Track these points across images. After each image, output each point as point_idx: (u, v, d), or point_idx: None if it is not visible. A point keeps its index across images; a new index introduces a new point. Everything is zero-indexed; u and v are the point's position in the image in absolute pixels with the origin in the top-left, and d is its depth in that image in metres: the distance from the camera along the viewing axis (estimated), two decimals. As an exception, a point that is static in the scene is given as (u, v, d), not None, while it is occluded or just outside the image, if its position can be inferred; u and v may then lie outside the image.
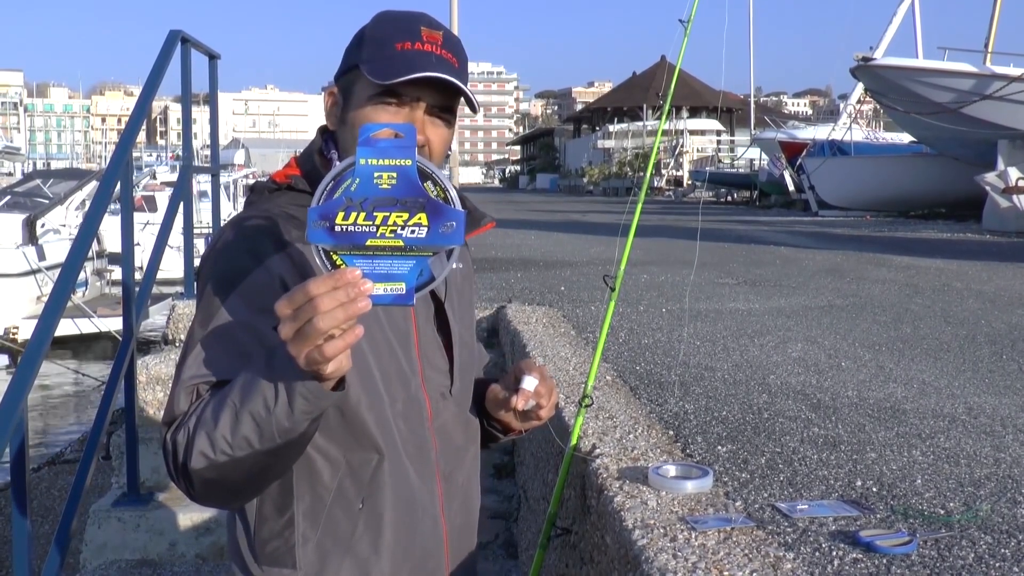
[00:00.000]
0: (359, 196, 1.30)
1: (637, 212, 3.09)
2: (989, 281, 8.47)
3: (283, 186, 1.70)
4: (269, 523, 1.64)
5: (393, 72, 1.59)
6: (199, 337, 1.55)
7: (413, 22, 1.65)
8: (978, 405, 3.72)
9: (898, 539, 2.14)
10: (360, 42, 1.66)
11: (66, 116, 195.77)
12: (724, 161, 52.28)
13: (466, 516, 1.82)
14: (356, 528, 1.63)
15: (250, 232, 1.60)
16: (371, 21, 1.68)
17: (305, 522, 1.62)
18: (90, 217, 4.24)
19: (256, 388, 1.40)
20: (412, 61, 1.60)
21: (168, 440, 1.49)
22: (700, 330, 5.56)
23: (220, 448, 1.43)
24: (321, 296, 1.25)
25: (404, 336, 1.67)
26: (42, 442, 11.05)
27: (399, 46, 1.62)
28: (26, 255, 16.59)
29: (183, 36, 5.73)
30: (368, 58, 1.63)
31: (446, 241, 1.30)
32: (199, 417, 1.46)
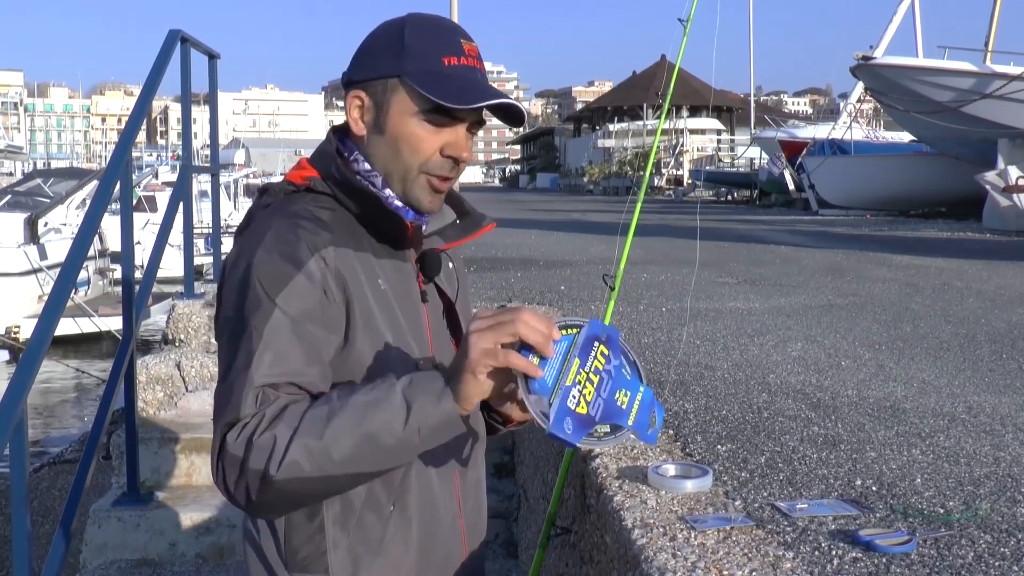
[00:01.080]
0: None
1: (637, 211, 3.09)
2: (989, 280, 8.47)
3: (301, 188, 1.69)
4: (299, 530, 1.63)
5: (464, 96, 1.60)
6: (264, 337, 1.52)
7: (452, 33, 1.67)
8: (978, 404, 3.72)
9: (897, 538, 2.14)
10: (401, 51, 1.64)
11: (66, 116, 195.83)
12: (724, 160, 52.26)
13: (478, 512, 1.85)
14: (387, 531, 1.65)
15: (289, 237, 1.58)
16: (407, 28, 1.66)
17: (335, 527, 1.63)
18: (90, 217, 4.24)
19: (382, 410, 1.43)
20: (474, 83, 1.63)
21: (237, 442, 1.46)
22: (700, 329, 5.56)
23: (320, 463, 1.43)
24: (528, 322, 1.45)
25: (421, 339, 1.70)
26: (42, 442, 11.05)
27: (446, 61, 1.63)
28: (27, 254, 16.60)
29: (183, 36, 5.74)
30: (415, 71, 1.62)
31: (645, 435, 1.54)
32: (292, 427, 1.44)
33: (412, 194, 1.68)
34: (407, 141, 1.65)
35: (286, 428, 1.44)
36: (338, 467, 1.45)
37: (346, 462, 1.44)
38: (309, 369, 1.53)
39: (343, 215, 1.66)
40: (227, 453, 1.46)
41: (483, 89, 1.63)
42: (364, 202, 1.66)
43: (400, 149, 1.65)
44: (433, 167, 1.67)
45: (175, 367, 5.26)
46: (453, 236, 1.82)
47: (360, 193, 1.66)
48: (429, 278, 1.76)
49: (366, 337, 1.60)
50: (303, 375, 1.52)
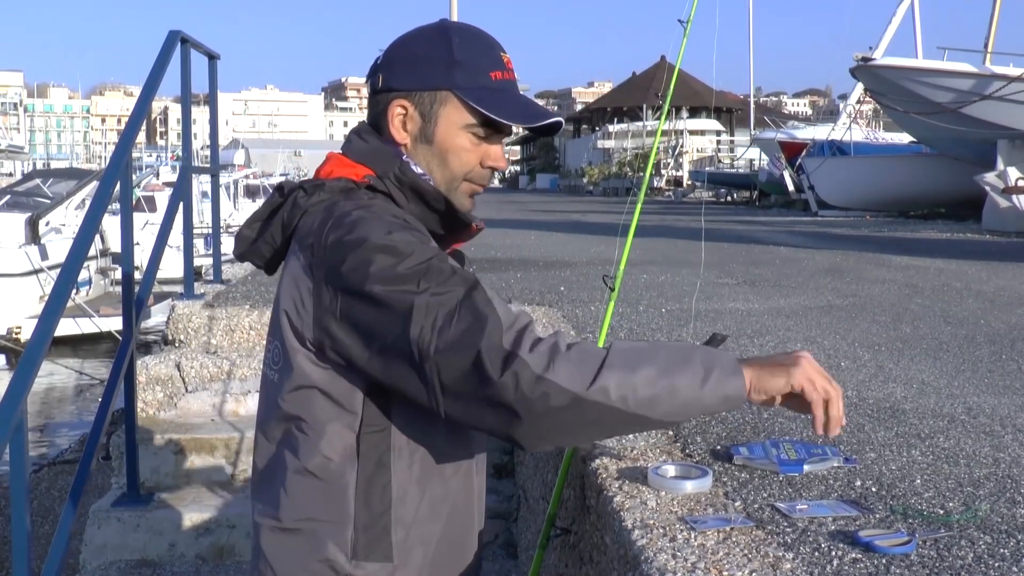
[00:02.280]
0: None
1: (636, 212, 3.09)
2: (989, 281, 8.47)
3: (361, 185, 1.71)
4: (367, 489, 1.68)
5: (525, 115, 1.69)
6: (483, 292, 1.55)
7: (495, 47, 1.73)
8: (977, 405, 3.72)
9: (897, 539, 2.15)
10: (452, 64, 1.68)
11: (66, 116, 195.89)
12: (724, 161, 52.29)
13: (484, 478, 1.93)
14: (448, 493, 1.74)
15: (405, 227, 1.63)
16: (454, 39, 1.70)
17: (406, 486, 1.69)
18: (90, 217, 4.24)
19: (686, 367, 1.54)
20: (523, 100, 1.71)
21: (536, 351, 1.48)
22: (700, 330, 5.56)
23: (624, 395, 1.50)
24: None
25: None
26: (42, 442, 11.05)
27: (494, 76, 1.70)
28: (28, 255, 16.60)
29: (183, 36, 5.74)
30: (467, 86, 1.68)
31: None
32: (600, 354, 1.50)
33: (456, 199, 1.75)
34: (455, 152, 1.72)
35: (593, 355, 1.50)
36: (635, 406, 1.51)
37: (643, 403, 1.51)
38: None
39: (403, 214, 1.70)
40: (522, 361, 1.46)
41: (535, 107, 1.73)
42: (434, 203, 1.71)
43: (447, 160, 1.72)
44: (475, 176, 1.75)
45: (175, 368, 5.26)
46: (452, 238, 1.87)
47: (431, 194, 1.71)
48: None
49: None
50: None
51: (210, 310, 5.73)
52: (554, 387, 1.47)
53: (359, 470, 1.67)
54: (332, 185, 1.70)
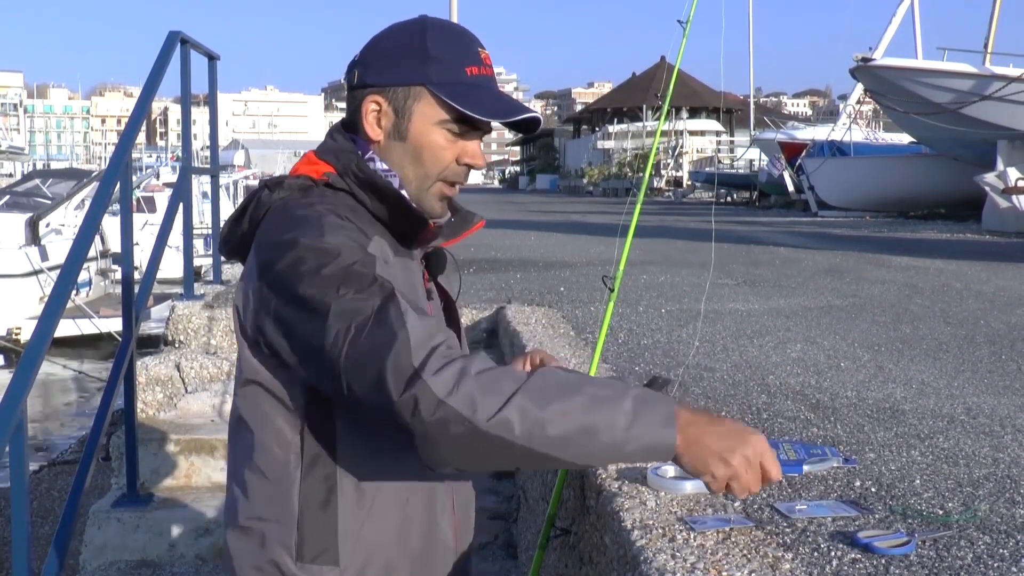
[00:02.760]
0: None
1: (636, 212, 3.09)
2: (988, 281, 8.47)
3: (319, 183, 1.68)
4: (311, 516, 1.62)
5: (498, 110, 1.64)
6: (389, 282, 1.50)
7: (472, 42, 1.69)
8: (977, 405, 3.72)
9: (896, 539, 2.15)
10: (426, 59, 1.65)
11: (66, 117, 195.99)
12: (724, 162, 52.29)
13: (467, 511, 1.86)
14: (400, 522, 1.67)
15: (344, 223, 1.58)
16: (428, 34, 1.67)
17: (350, 517, 1.64)
18: (90, 218, 4.24)
19: (610, 408, 1.42)
20: (499, 95, 1.67)
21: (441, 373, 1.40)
22: (699, 330, 5.56)
23: (531, 432, 1.40)
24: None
25: None
26: (42, 443, 11.05)
27: (469, 71, 1.66)
28: (28, 256, 16.59)
29: (182, 37, 5.74)
30: (441, 81, 1.64)
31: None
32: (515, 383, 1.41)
33: (425, 200, 1.71)
34: (429, 149, 1.67)
35: (506, 383, 1.41)
36: (545, 444, 1.41)
37: (555, 442, 1.41)
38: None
39: (363, 212, 1.67)
40: (424, 384, 1.40)
41: (511, 102, 1.68)
42: (388, 200, 1.67)
43: (421, 157, 1.68)
44: (450, 175, 1.71)
45: (175, 368, 5.26)
46: (448, 234, 1.83)
47: (385, 191, 1.67)
48: (434, 276, 1.79)
49: None
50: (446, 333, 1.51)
51: (210, 311, 5.73)
52: (453, 414, 1.39)
53: (303, 470, 1.64)
54: (291, 183, 1.69)
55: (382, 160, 1.70)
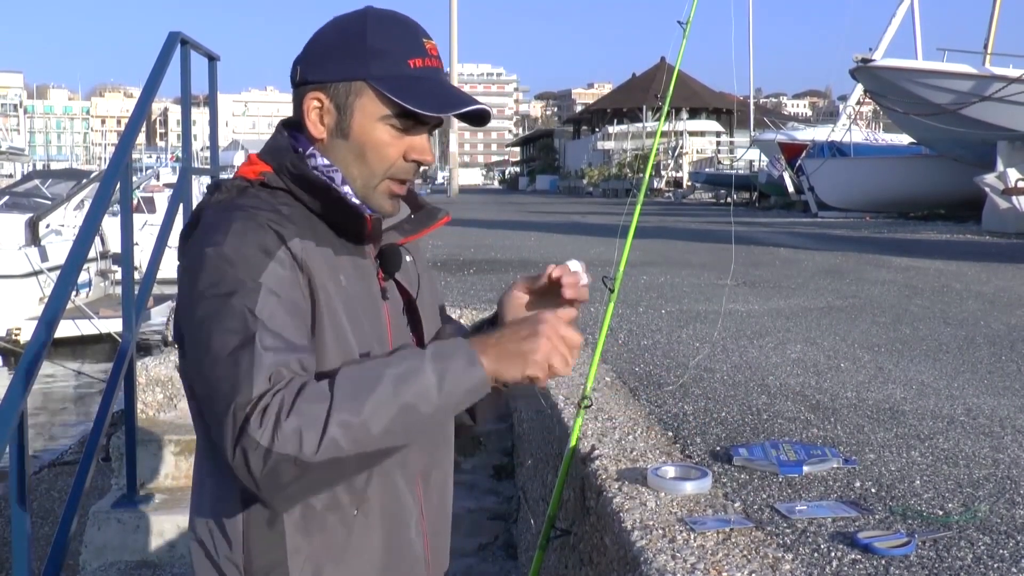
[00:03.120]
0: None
1: (636, 213, 3.09)
2: (988, 282, 8.48)
3: (255, 183, 1.63)
4: (258, 536, 1.57)
5: (441, 103, 1.58)
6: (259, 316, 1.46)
7: (415, 33, 1.62)
8: (977, 406, 3.72)
9: (896, 540, 2.15)
10: (365, 52, 1.58)
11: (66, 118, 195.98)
12: (724, 162, 52.29)
13: (443, 515, 1.80)
14: (351, 537, 1.60)
15: (254, 228, 1.53)
16: (368, 26, 1.60)
17: (296, 534, 1.57)
18: (90, 219, 4.24)
19: (415, 381, 1.42)
20: (444, 88, 1.60)
21: (262, 428, 1.37)
22: (699, 331, 5.56)
23: (358, 439, 1.39)
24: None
25: (381, 338, 1.65)
26: (42, 444, 11.05)
27: (412, 63, 1.59)
28: (28, 256, 16.58)
29: (182, 38, 5.73)
30: (382, 75, 1.58)
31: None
32: (324, 405, 1.38)
33: (374, 201, 1.64)
34: (373, 146, 1.61)
35: (316, 406, 1.39)
36: (376, 441, 1.42)
37: (384, 435, 1.42)
38: (307, 346, 1.49)
39: (300, 210, 1.61)
40: (250, 439, 1.38)
41: (456, 94, 1.61)
42: (323, 197, 1.61)
43: (366, 154, 1.62)
44: (397, 172, 1.63)
45: (175, 369, 5.26)
46: (409, 230, 1.76)
47: (319, 188, 1.61)
48: (389, 274, 1.71)
49: (331, 333, 1.56)
50: (304, 352, 1.47)
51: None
52: (281, 459, 1.37)
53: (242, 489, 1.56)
54: (229, 184, 1.64)
55: (323, 156, 1.64)
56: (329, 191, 1.60)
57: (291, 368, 1.44)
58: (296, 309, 1.51)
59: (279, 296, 1.49)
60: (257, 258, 1.50)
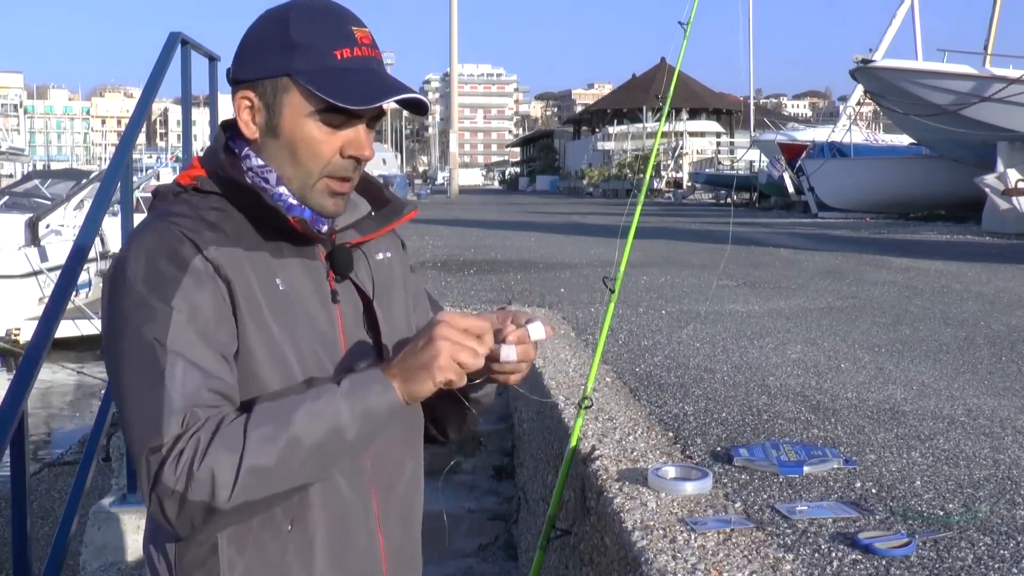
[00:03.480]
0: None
1: (637, 214, 3.09)
2: (989, 283, 8.48)
3: (188, 188, 1.58)
4: (191, 551, 1.52)
5: (364, 95, 1.50)
6: (169, 347, 1.42)
7: (342, 21, 1.54)
8: (977, 407, 3.72)
9: (897, 540, 2.15)
10: (289, 46, 1.52)
11: (66, 118, 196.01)
12: (724, 163, 52.32)
13: (406, 529, 1.72)
14: (286, 551, 1.54)
15: (169, 239, 1.48)
16: (292, 19, 1.53)
17: (231, 548, 1.52)
18: (90, 219, 4.24)
19: (328, 418, 1.39)
20: (371, 77, 1.52)
21: (176, 475, 1.36)
22: (699, 332, 5.56)
23: (271, 483, 1.37)
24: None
25: (330, 342, 1.58)
26: (42, 444, 11.05)
27: (339, 55, 1.51)
28: (28, 256, 16.58)
29: (183, 38, 5.73)
30: (306, 69, 1.51)
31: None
32: (236, 450, 1.36)
33: (314, 200, 1.57)
34: (305, 144, 1.54)
35: (228, 453, 1.36)
36: (289, 481, 1.40)
37: (297, 474, 1.40)
38: (221, 372, 1.44)
39: (234, 214, 1.55)
40: (164, 487, 1.36)
41: (381, 84, 1.52)
42: (251, 200, 1.55)
43: (298, 153, 1.55)
44: (335, 169, 1.56)
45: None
46: (370, 228, 1.69)
47: (246, 191, 1.55)
48: (341, 275, 1.63)
49: (260, 341, 1.50)
50: (218, 380, 1.43)
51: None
52: (195, 506, 1.36)
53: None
54: (165, 190, 1.61)
55: (258, 157, 1.58)
56: (255, 194, 1.54)
57: (205, 402, 1.40)
58: (210, 330, 1.45)
59: (192, 319, 1.44)
60: (169, 275, 1.45)
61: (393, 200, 1.74)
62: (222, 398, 1.43)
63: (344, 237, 1.65)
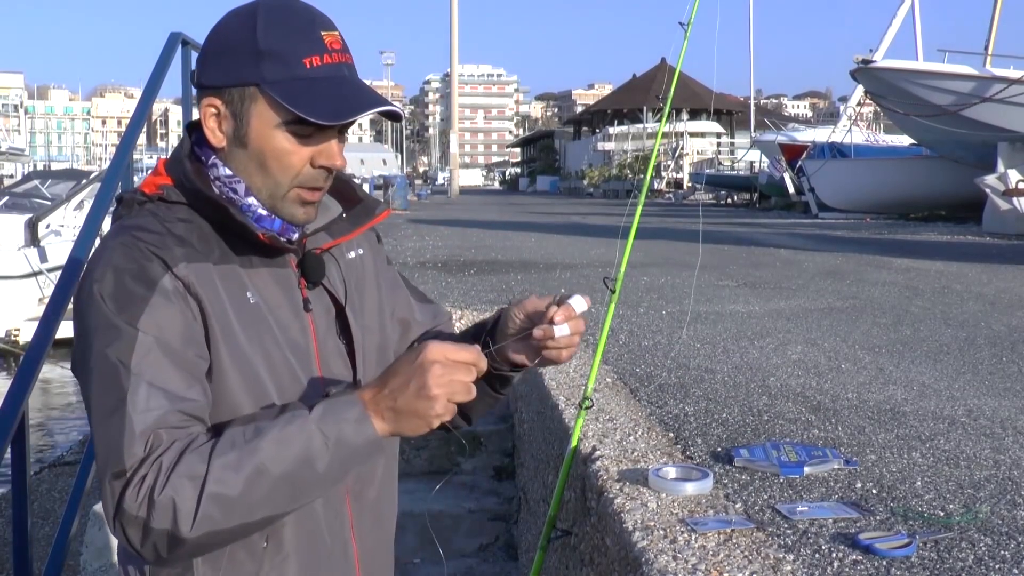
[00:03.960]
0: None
1: (637, 214, 3.09)
2: (989, 283, 8.48)
3: (153, 197, 1.52)
4: (166, 567, 1.48)
5: (335, 110, 1.44)
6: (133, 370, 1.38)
7: (310, 26, 1.47)
8: (978, 407, 3.72)
9: (898, 541, 2.15)
10: (256, 54, 1.45)
11: (66, 118, 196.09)
12: (724, 163, 52.31)
13: (379, 532, 1.69)
14: (261, 568, 1.51)
15: (136, 256, 1.44)
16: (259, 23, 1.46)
17: (205, 565, 1.48)
18: (91, 220, 4.23)
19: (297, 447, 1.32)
20: (341, 89, 1.46)
21: (137, 501, 1.31)
22: (700, 332, 5.56)
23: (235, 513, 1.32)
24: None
25: (303, 352, 1.54)
26: (43, 444, 11.05)
27: (308, 63, 1.45)
28: (27, 257, 16.57)
29: (184, 38, 5.73)
30: (274, 79, 1.45)
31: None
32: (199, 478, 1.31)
33: (284, 211, 1.52)
34: (274, 156, 1.48)
35: (191, 480, 1.31)
36: (255, 512, 1.34)
37: (264, 505, 1.34)
38: (190, 392, 1.39)
39: (202, 225, 1.50)
40: (126, 513, 1.32)
41: (352, 96, 1.47)
42: (217, 213, 1.49)
43: (267, 164, 1.49)
44: (306, 180, 1.50)
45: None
46: (341, 230, 1.64)
47: (213, 204, 1.49)
48: (313, 282, 1.58)
49: (231, 357, 1.46)
50: (185, 401, 1.38)
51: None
52: (159, 535, 1.31)
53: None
54: (129, 199, 1.55)
55: (226, 166, 1.52)
56: (221, 207, 1.49)
57: (170, 424, 1.36)
58: (177, 349, 1.41)
59: (159, 339, 1.40)
60: (137, 295, 1.41)
61: (365, 199, 1.69)
62: (191, 419, 1.38)
63: (315, 241, 1.61)
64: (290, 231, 1.55)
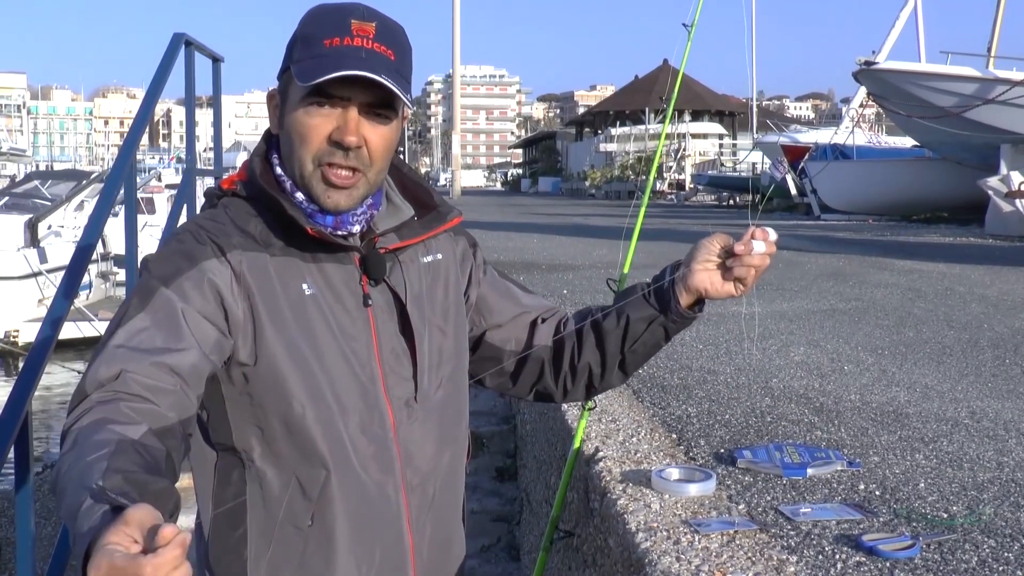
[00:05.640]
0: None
1: (640, 215, 3.09)
2: (992, 285, 8.47)
3: (228, 193, 1.65)
4: (223, 538, 1.57)
5: (315, 72, 1.51)
6: (142, 310, 1.48)
7: (344, 15, 1.55)
8: (981, 409, 3.72)
9: (901, 543, 2.15)
10: (294, 42, 1.58)
11: (69, 119, 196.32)
12: (726, 165, 52.31)
13: (440, 528, 1.71)
14: (307, 546, 1.57)
15: (191, 239, 1.56)
16: (306, 17, 1.59)
17: (259, 539, 1.56)
18: (93, 220, 4.24)
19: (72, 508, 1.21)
20: (338, 59, 1.51)
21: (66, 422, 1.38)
22: (702, 333, 5.56)
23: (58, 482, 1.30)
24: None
25: (362, 344, 1.60)
26: (44, 445, 11.07)
27: (328, 43, 1.52)
28: (27, 258, 16.56)
29: (187, 39, 5.75)
30: (298, 58, 1.55)
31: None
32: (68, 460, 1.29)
33: (313, 189, 1.58)
34: (296, 131, 1.56)
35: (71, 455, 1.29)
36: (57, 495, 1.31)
37: (58, 496, 1.30)
38: (177, 347, 1.45)
39: (266, 219, 1.60)
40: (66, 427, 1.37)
41: (343, 64, 1.50)
42: (272, 206, 1.59)
43: (293, 140, 1.57)
44: (322, 156, 1.56)
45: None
46: (412, 233, 1.69)
47: (268, 197, 1.59)
48: (375, 280, 1.64)
49: (278, 342, 1.54)
50: (167, 354, 1.43)
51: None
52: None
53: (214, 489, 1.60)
54: (208, 194, 1.68)
55: (279, 165, 1.63)
56: (275, 202, 1.58)
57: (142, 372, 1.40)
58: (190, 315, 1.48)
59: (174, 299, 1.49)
60: (176, 265, 1.52)
61: (441, 206, 1.75)
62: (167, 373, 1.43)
63: (384, 242, 1.66)
64: (345, 225, 1.61)
